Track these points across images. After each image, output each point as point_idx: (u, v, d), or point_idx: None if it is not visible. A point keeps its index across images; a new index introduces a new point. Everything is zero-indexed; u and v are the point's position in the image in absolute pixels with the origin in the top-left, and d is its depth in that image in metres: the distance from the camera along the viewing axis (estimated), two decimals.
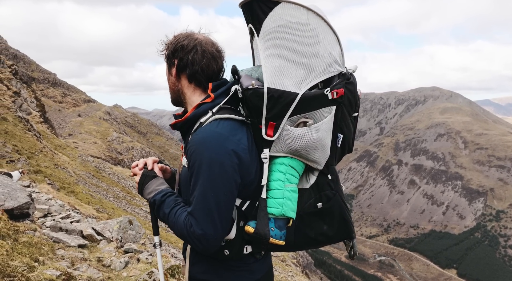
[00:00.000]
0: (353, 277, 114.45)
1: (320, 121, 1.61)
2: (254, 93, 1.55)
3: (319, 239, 1.70)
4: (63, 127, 53.94)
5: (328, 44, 1.62)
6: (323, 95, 1.58)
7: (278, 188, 1.59)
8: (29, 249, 3.68)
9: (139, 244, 5.98)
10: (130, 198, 25.72)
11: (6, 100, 24.49)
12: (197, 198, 1.50)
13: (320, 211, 1.67)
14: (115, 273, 4.41)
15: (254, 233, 1.55)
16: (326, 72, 1.61)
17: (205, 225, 1.48)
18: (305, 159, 1.63)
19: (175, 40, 1.71)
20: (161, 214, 1.64)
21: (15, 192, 4.79)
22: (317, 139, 1.60)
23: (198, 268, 1.71)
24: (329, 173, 1.70)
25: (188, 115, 1.65)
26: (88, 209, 12.33)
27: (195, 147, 1.52)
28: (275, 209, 1.58)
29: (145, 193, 1.72)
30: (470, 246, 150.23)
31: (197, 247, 1.53)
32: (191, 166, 1.54)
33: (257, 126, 1.60)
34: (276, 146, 1.60)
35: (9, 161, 15.71)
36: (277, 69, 1.57)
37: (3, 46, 57.44)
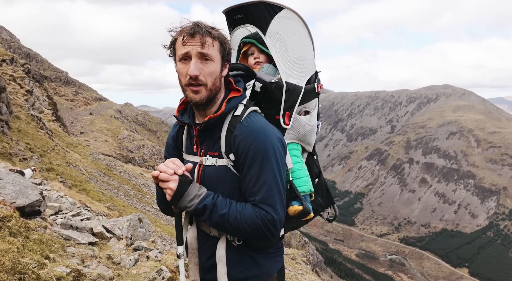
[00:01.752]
0: (363, 276, 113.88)
1: (313, 110, 1.95)
2: (277, 86, 1.78)
3: (319, 209, 2.01)
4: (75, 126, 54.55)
5: (309, 47, 1.94)
6: (314, 88, 1.91)
7: (299, 169, 1.80)
8: (39, 246, 3.70)
9: (149, 242, 6.01)
10: (141, 195, 25.90)
11: (19, 98, 24.83)
12: (270, 185, 1.56)
13: (316, 186, 1.97)
14: (124, 270, 4.43)
15: (303, 209, 1.72)
16: (312, 70, 1.93)
17: (280, 210, 1.58)
18: (306, 142, 1.92)
19: (225, 38, 1.65)
20: (215, 218, 1.55)
21: (26, 190, 4.83)
22: (314, 125, 1.94)
23: (239, 267, 1.68)
24: (314, 154, 2.00)
25: (223, 110, 1.64)
26: (99, 207, 12.44)
27: (253, 137, 1.57)
28: (305, 187, 1.78)
29: (185, 201, 1.57)
30: (482, 245, 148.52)
31: (272, 235, 1.58)
32: (250, 156, 1.57)
33: (273, 117, 1.79)
34: (287, 134, 1.83)
35: (22, 158, 15.93)
36: (285, 65, 1.83)
37: (16, 45, 58.22)
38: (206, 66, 1.57)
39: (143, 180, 32.61)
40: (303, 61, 1.88)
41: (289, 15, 1.84)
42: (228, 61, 1.68)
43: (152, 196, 27.87)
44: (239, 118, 1.61)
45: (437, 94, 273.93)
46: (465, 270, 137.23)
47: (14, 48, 55.42)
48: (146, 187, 30.29)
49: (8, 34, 62.08)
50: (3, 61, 27.48)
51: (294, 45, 1.85)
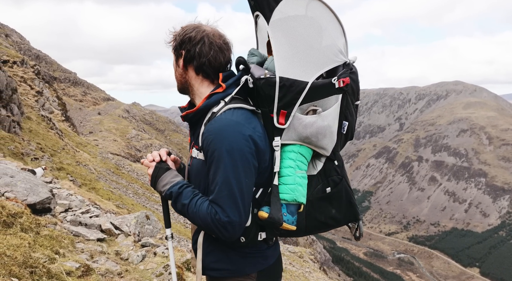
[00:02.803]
0: (371, 274, 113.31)
1: (328, 109, 1.69)
2: (267, 82, 1.60)
3: (329, 222, 1.78)
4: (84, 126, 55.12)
5: (334, 35, 1.69)
6: (330, 83, 1.63)
7: (289, 175, 1.64)
8: (50, 242, 3.82)
9: (156, 239, 6.12)
10: (149, 194, 26.15)
11: (29, 99, 25.21)
12: (220, 186, 1.53)
13: (329, 195, 1.75)
14: (132, 266, 4.54)
15: (268, 217, 1.60)
16: (332, 62, 1.68)
17: (230, 212, 1.52)
18: (314, 145, 1.70)
19: (182, 31, 1.71)
20: (178, 206, 1.64)
21: (37, 188, 4.97)
22: (326, 126, 1.67)
23: (212, 257, 1.74)
24: (335, 159, 1.78)
25: (200, 106, 1.66)
26: (108, 205, 12.62)
27: (213, 136, 1.54)
28: (287, 195, 1.63)
29: (159, 185, 1.72)
30: (494, 244, 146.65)
31: (222, 235, 1.55)
32: (209, 156, 1.56)
33: (268, 115, 1.65)
34: (287, 133, 1.65)
35: (34, 158, 16.20)
36: (287, 58, 1.61)
37: (26, 47, 58.98)
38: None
39: None
40: (317, 51, 1.64)
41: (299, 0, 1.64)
42: (179, 54, 1.72)
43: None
44: (214, 115, 1.61)
45: (447, 91, 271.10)
46: (476, 269, 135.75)
47: (24, 50, 56.16)
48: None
49: (19, 36, 62.90)
50: (14, 63, 27.90)
51: (305, 33, 1.62)
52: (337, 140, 1.76)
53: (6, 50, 30.11)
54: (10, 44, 43.82)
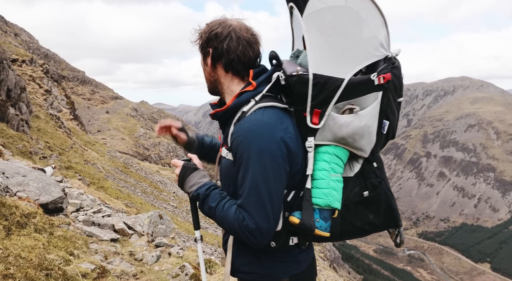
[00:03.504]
0: (381, 271, 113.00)
1: (367, 108, 1.54)
2: (299, 79, 1.48)
3: (366, 228, 1.65)
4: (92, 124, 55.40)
5: (374, 27, 1.55)
6: (369, 80, 1.50)
7: (323, 178, 1.53)
8: (64, 243, 3.73)
9: (169, 238, 6.02)
10: (157, 193, 26.18)
11: (38, 98, 25.32)
12: (249, 190, 1.44)
13: (366, 199, 1.62)
14: (147, 267, 4.44)
15: (299, 224, 1.49)
16: (372, 56, 1.54)
17: (258, 218, 1.42)
18: (351, 146, 1.57)
19: (208, 28, 1.61)
20: (206, 208, 1.57)
21: (50, 187, 4.89)
22: (364, 126, 1.53)
23: (242, 260, 1.66)
24: (374, 160, 1.64)
25: (229, 105, 1.58)
26: (117, 204, 12.60)
27: (242, 138, 1.45)
28: (321, 200, 1.51)
29: (187, 186, 1.65)
30: (504, 239, 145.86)
31: (250, 242, 1.47)
32: (238, 158, 1.47)
33: (301, 114, 1.53)
34: (321, 134, 1.53)
35: (42, 157, 16.25)
36: (322, 53, 1.48)
37: (35, 46, 59.38)
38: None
39: (160, 177, 32.95)
40: (355, 45, 1.51)
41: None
42: (206, 52, 1.63)
43: (168, 193, 28.14)
44: (244, 115, 1.52)
45: (454, 86, 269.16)
46: (487, 265, 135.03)
47: (33, 49, 56.54)
48: (163, 184, 30.62)
49: (28, 35, 63.34)
50: (23, 62, 28.03)
51: (342, 25, 1.49)
52: (376, 140, 1.61)
53: (15, 49, 30.28)
54: (19, 43, 44.11)
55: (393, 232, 1.74)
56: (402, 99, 1.70)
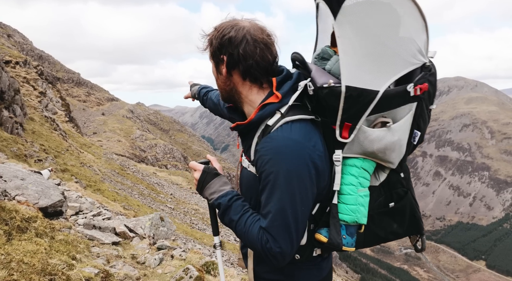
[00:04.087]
0: (379, 270, 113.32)
1: (400, 121, 1.44)
2: (331, 92, 1.35)
3: (389, 237, 1.60)
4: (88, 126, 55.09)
5: (413, 30, 1.40)
6: (405, 91, 1.39)
7: (350, 193, 1.45)
8: (66, 247, 3.65)
9: (171, 241, 5.95)
10: (154, 195, 26.03)
11: (32, 100, 25.10)
12: (274, 214, 1.35)
13: (392, 210, 1.56)
14: (150, 270, 4.37)
15: (328, 243, 1.43)
16: (409, 65, 1.41)
17: (283, 243, 1.35)
18: (380, 159, 1.48)
19: (219, 33, 1.45)
20: (226, 220, 1.50)
21: (49, 190, 4.80)
22: (396, 141, 1.44)
23: (265, 266, 1.60)
24: (401, 171, 1.57)
25: (252, 118, 1.45)
26: (115, 207, 12.49)
27: (269, 157, 1.35)
28: (348, 216, 1.45)
29: (207, 192, 1.56)
30: (499, 237, 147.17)
31: (271, 262, 1.41)
32: (264, 177, 1.38)
33: (329, 126, 1.43)
34: (350, 147, 1.43)
35: (37, 160, 16.07)
36: (356, 62, 1.35)
37: (28, 48, 58.97)
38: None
39: (157, 179, 32.78)
40: (392, 52, 1.36)
41: None
42: (220, 59, 1.48)
43: (165, 195, 28.01)
44: (270, 129, 1.41)
45: (449, 86, 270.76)
46: (482, 262, 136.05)
47: (27, 50, 56.14)
48: (160, 186, 30.46)
49: (21, 36, 62.87)
50: (16, 64, 27.78)
51: (379, 29, 1.34)
52: (406, 150, 1.53)
53: (9, 51, 30.01)
54: (13, 45, 43.72)
55: (414, 237, 1.69)
56: (434, 107, 1.57)
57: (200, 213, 25.99)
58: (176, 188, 32.96)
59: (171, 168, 48.42)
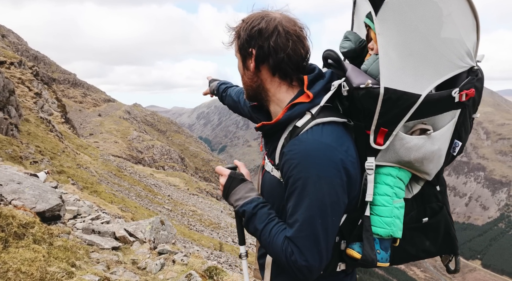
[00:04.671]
0: (376, 271, 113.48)
1: (441, 129, 1.32)
2: (367, 94, 1.25)
3: (420, 255, 1.48)
4: (84, 127, 54.77)
5: (463, 30, 1.28)
6: (449, 97, 1.27)
7: (385, 205, 1.32)
8: (65, 254, 3.53)
9: (171, 244, 5.82)
10: (152, 196, 25.84)
11: (28, 101, 24.85)
12: (302, 223, 1.24)
13: (424, 226, 1.44)
14: (151, 275, 4.25)
15: (361, 259, 1.31)
16: (455, 68, 1.29)
17: (310, 256, 1.23)
18: (416, 170, 1.36)
19: (248, 24, 1.34)
20: (251, 228, 1.40)
21: (46, 194, 4.67)
22: (436, 151, 1.32)
23: (283, 280, 1.48)
24: (438, 184, 1.45)
25: (280, 118, 1.34)
26: (112, 209, 12.33)
27: (298, 161, 1.23)
28: (382, 230, 1.32)
29: (232, 198, 1.46)
30: (494, 236, 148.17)
31: (296, 276, 1.29)
32: (291, 183, 1.26)
33: (363, 131, 1.32)
34: (384, 155, 1.32)
35: (33, 161, 15.87)
36: (397, 62, 1.24)
37: (23, 48, 58.55)
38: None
39: (154, 180, 32.59)
40: (437, 52, 1.25)
41: None
42: (248, 53, 1.37)
43: (163, 196, 27.83)
44: (298, 131, 1.30)
45: None
46: (478, 262, 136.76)
47: (22, 51, 55.74)
48: (157, 187, 30.27)
49: (16, 37, 62.38)
50: (11, 64, 27.51)
51: (424, 26, 1.22)
52: (444, 162, 1.41)
53: (3, 51, 29.73)
54: (7, 45, 43.36)
55: (446, 257, 1.57)
56: (478, 115, 1.46)
57: (198, 214, 25.84)
58: (173, 189, 32.79)
59: (168, 169, 48.22)
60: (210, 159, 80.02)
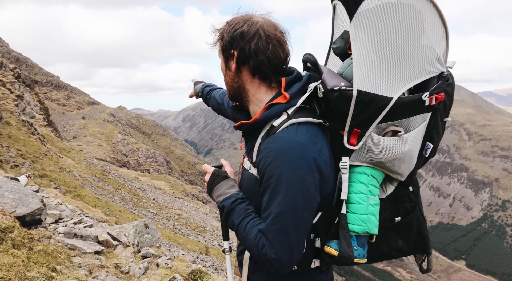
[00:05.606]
0: (362, 272, 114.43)
1: (412, 131, 1.39)
2: (341, 96, 1.30)
3: (393, 254, 1.54)
4: (67, 130, 53.94)
5: (433, 37, 1.35)
6: (420, 100, 1.34)
7: (360, 202, 1.38)
8: (45, 258, 3.46)
9: (155, 248, 5.77)
10: (137, 200, 25.58)
11: (9, 104, 24.37)
12: (274, 218, 1.29)
13: (397, 225, 1.51)
14: (134, 279, 4.20)
15: (339, 256, 1.36)
16: (426, 73, 1.36)
17: (280, 249, 1.28)
18: (388, 170, 1.42)
19: (231, 27, 1.42)
20: (229, 223, 1.46)
21: (27, 198, 4.57)
22: (406, 152, 1.38)
23: (259, 277, 1.53)
24: (411, 184, 1.52)
25: (257, 118, 1.40)
26: (96, 213, 12.16)
27: (272, 158, 1.29)
28: (358, 227, 1.37)
29: (214, 194, 1.54)
30: (477, 236, 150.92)
31: (268, 268, 1.34)
32: (265, 180, 1.32)
33: (337, 131, 1.37)
34: (357, 155, 1.38)
35: (13, 165, 15.55)
36: (370, 66, 1.30)
37: (4, 50, 57.44)
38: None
39: (139, 184, 32.27)
40: (410, 58, 1.32)
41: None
42: (230, 54, 1.43)
43: (148, 200, 27.57)
44: (275, 130, 1.37)
45: None
46: (462, 262, 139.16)
47: (3, 52, 54.67)
48: (142, 191, 29.97)
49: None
50: None
51: (397, 32, 1.29)
52: (416, 163, 1.48)
53: None
54: None
55: (420, 257, 1.64)
56: (449, 119, 1.55)
57: (183, 218, 25.67)
58: (158, 192, 32.52)
59: (153, 172, 47.80)
60: (196, 162, 79.67)
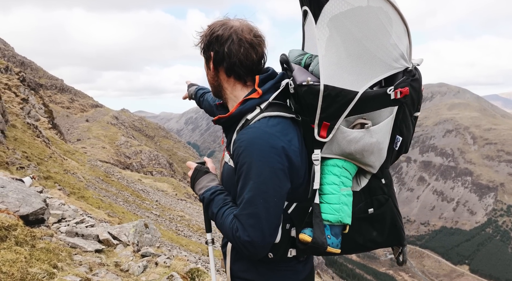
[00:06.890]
0: (364, 276, 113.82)
1: (379, 123, 1.47)
2: (309, 90, 1.40)
3: (368, 245, 1.61)
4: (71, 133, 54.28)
5: (395, 35, 1.43)
6: (385, 94, 1.42)
7: (333, 193, 1.46)
8: (47, 255, 3.59)
9: (155, 247, 5.89)
10: (140, 201, 25.72)
11: (14, 107, 24.63)
12: (246, 202, 1.39)
13: (371, 216, 1.57)
14: (133, 277, 4.32)
15: (312, 242, 1.43)
16: (390, 68, 1.45)
17: (252, 232, 1.37)
18: (359, 162, 1.51)
19: (209, 30, 1.54)
20: (209, 213, 1.57)
21: (30, 198, 4.71)
22: (374, 143, 1.46)
23: (240, 266, 1.63)
24: (383, 177, 1.60)
25: (232, 112, 1.52)
26: (99, 214, 12.30)
27: (243, 148, 1.39)
28: (331, 216, 1.45)
29: (196, 188, 1.65)
30: (481, 241, 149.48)
31: (243, 252, 1.44)
32: (238, 168, 1.43)
33: (308, 125, 1.46)
34: (328, 147, 1.47)
35: (19, 167, 15.74)
36: (335, 63, 1.39)
37: (10, 54, 57.91)
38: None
39: (142, 185, 32.42)
40: (373, 55, 1.40)
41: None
42: (208, 55, 1.57)
43: (151, 201, 27.69)
44: (248, 123, 1.47)
45: (432, 93, 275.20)
46: (466, 267, 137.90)
47: (8, 56, 55.11)
48: (145, 193, 30.11)
49: (2, 43, 61.72)
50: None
51: (359, 32, 1.38)
52: (387, 156, 1.56)
53: None
54: None
55: (397, 249, 1.72)
56: (419, 114, 1.63)
57: (186, 220, 25.77)
58: (161, 194, 32.66)
59: (156, 175, 47.97)
60: None
